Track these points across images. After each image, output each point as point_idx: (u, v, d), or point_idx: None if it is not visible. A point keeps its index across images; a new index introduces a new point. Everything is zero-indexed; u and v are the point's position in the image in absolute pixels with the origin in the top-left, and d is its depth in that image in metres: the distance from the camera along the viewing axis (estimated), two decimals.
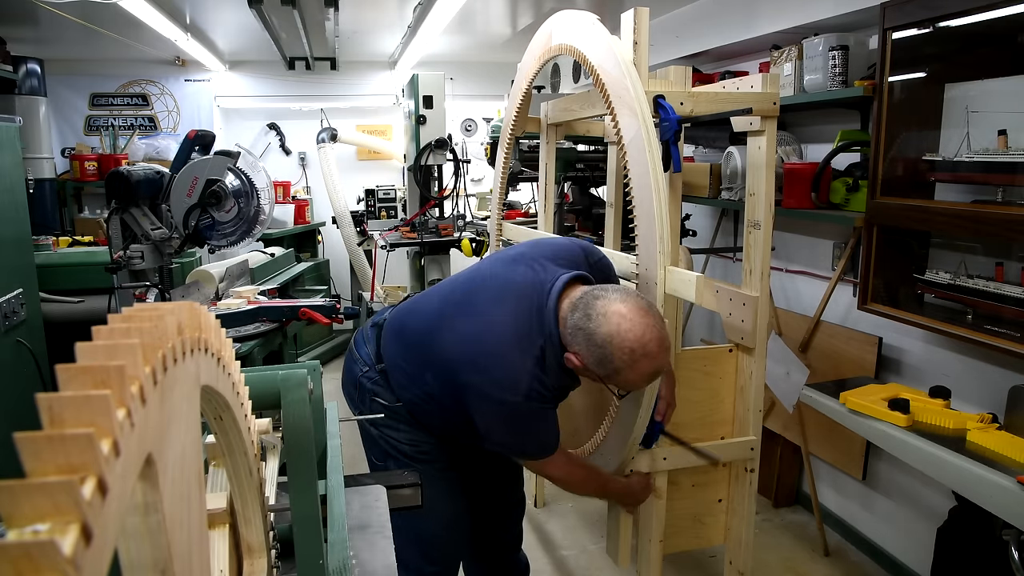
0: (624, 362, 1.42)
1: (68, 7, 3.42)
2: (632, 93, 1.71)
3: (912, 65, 2.27)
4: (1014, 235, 1.93)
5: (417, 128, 4.05)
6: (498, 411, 1.54)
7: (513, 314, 1.54)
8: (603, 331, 1.42)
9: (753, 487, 2.07)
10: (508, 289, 1.59)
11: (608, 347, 1.42)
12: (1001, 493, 1.65)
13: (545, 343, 1.52)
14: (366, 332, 1.85)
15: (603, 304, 1.44)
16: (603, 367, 1.45)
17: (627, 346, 1.41)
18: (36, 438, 0.30)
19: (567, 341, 1.49)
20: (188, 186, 2.82)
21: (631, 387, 1.55)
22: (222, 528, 0.81)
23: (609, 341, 1.42)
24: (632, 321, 1.42)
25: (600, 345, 1.43)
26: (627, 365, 1.43)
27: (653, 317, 1.45)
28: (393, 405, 1.75)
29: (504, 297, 1.58)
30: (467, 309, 1.61)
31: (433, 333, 1.63)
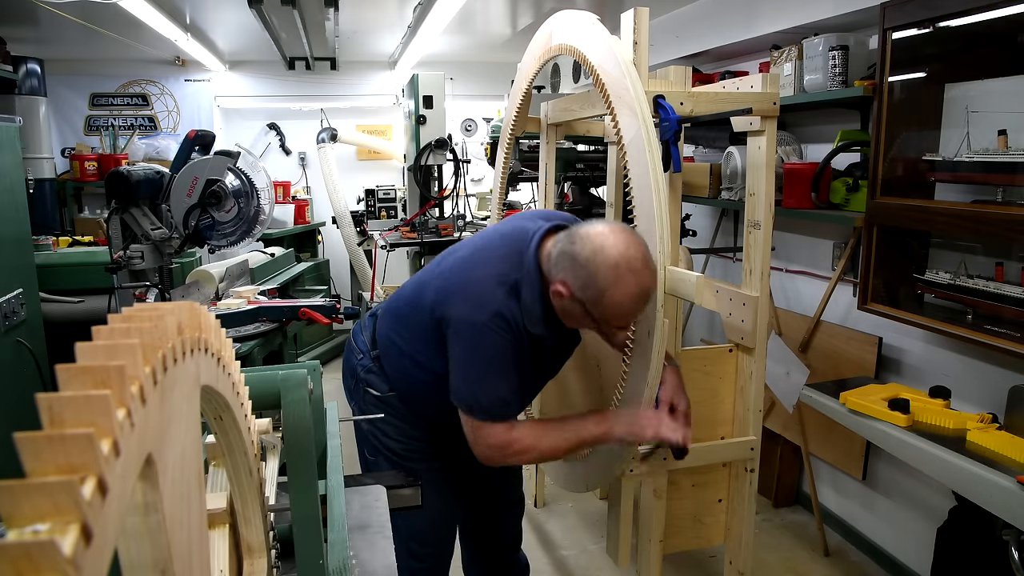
0: (609, 279, 1.40)
1: (68, 7, 3.42)
2: (632, 93, 1.71)
3: (912, 65, 2.27)
4: (1014, 235, 1.93)
5: (417, 128, 4.05)
6: (462, 335, 1.52)
7: (496, 252, 1.58)
8: (587, 250, 1.42)
9: (753, 487, 2.07)
10: (494, 234, 1.65)
11: (592, 265, 1.41)
12: (1001, 493, 1.65)
13: (522, 278, 1.52)
14: (363, 322, 1.88)
15: (586, 228, 1.46)
16: (588, 290, 1.43)
17: (611, 260, 1.40)
18: (36, 438, 0.30)
19: (551, 273, 1.49)
20: (188, 186, 2.82)
21: (618, 313, 1.46)
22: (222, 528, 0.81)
23: (593, 258, 1.41)
24: (615, 238, 1.42)
25: (584, 264, 1.42)
26: (612, 282, 1.40)
27: (636, 236, 1.46)
28: (386, 395, 1.75)
29: (489, 240, 1.64)
30: (452, 253, 1.67)
31: (421, 287, 1.66)
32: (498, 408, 1.55)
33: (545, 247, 1.53)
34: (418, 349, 1.67)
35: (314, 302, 2.95)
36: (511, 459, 1.61)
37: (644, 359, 1.72)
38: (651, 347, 1.69)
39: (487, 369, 1.53)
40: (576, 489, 2.40)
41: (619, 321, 1.50)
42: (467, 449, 1.84)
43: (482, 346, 1.51)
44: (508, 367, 1.53)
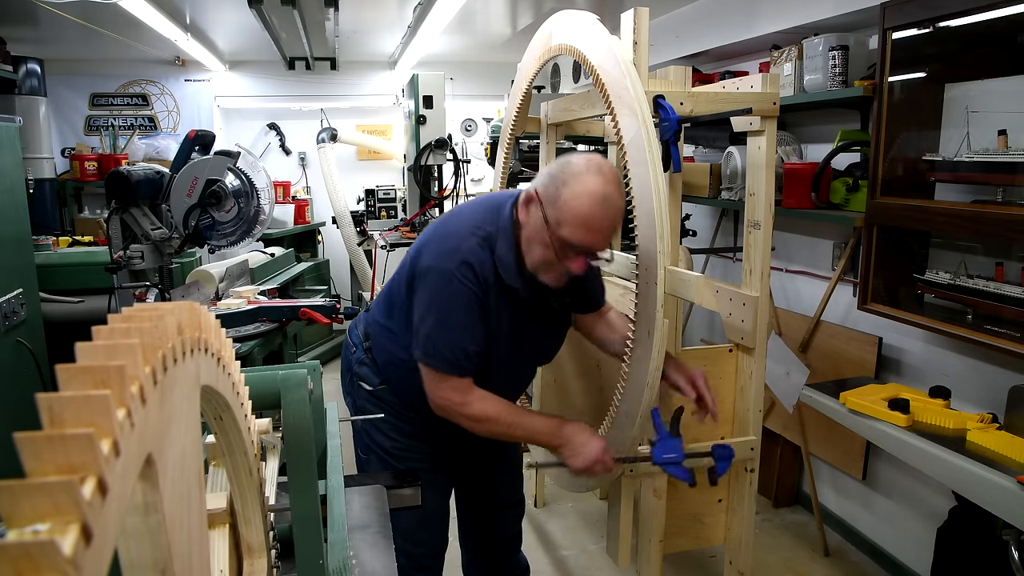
0: (572, 174, 1.44)
1: (68, 7, 3.42)
2: (632, 93, 1.71)
3: (912, 65, 2.27)
4: (1014, 235, 1.93)
5: (417, 128, 4.05)
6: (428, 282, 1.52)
7: (474, 209, 1.62)
8: (561, 160, 1.51)
9: (753, 487, 2.07)
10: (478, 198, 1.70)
11: (560, 169, 1.47)
12: (1001, 493, 1.65)
13: (496, 231, 1.54)
14: (359, 316, 1.90)
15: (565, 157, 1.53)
16: (551, 186, 1.46)
17: (579, 165, 1.45)
18: (36, 438, 0.30)
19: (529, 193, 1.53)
20: (188, 186, 2.82)
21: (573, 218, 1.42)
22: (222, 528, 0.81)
23: (564, 164, 1.48)
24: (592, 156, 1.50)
25: (553, 173, 1.48)
26: (573, 178, 1.43)
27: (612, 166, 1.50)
28: (377, 389, 1.75)
29: (474, 202, 1.68)
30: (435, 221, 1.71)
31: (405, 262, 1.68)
32: (459, 358, 1.51)
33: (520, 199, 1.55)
34: (401, 327, 1.65)
35: (314, 302, 2.95)
36: (461, 420, 1.58)
37: (644, 359, 1.72)
38: (651, 347, 1.69)
39: (450, 318, 1.51)
40: (576, 489, 2.40)
41: (572, 231, 1.43)
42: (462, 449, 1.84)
43: (446, 294, 1.50)
44: (472, 318, 1.51)
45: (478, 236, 1.53)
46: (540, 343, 1.76)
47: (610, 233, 1.48)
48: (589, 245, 1.46)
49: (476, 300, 1.50)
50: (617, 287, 2.12)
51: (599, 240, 1.47)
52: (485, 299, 1.52)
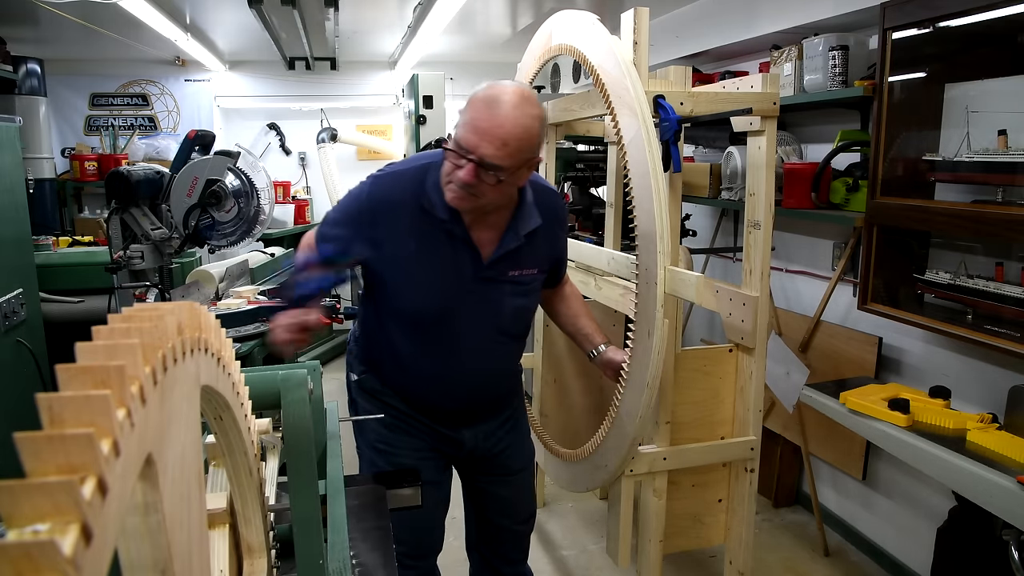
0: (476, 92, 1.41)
1: (68, 7, 3.42)
2: (632, 93, 1.71)
3: (912, 65, 2.27)
4: (1014, 235, 1.93)
5: (417, 128, 4.05)
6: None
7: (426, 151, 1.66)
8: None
9: (753, 487, 2.07)
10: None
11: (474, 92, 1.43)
12: (1001, 493, 1.65)
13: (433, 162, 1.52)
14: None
15: None
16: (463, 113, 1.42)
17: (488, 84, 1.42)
18: (36, 438, 0.30)
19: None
20: (188, 186, 2.83)
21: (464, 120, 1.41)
22: (222, 528, 0.81)
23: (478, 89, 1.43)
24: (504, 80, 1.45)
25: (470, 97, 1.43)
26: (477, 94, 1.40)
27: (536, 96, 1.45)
28: (361, 377, 1.75)
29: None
30: None
31: None
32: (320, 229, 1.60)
33: None
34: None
35: None
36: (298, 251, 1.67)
37: (643, 360, 1.72)
38: (651, 347, 1.69)
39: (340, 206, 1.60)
40: (576, 489, 2.40)
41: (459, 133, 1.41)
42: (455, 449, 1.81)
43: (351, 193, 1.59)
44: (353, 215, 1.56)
45: (412, 166, 1.56)
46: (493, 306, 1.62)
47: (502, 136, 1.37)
48: (473, 147, 1.38)
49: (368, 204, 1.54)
50: (617, 287, 2.12)
51: (484, 143, 1.37)
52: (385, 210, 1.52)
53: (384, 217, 1.52)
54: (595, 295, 2.27)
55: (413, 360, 1.66)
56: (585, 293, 2.30)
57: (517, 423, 1.88)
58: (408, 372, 1.69)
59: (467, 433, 1.78)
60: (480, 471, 1.87)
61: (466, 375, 1.69)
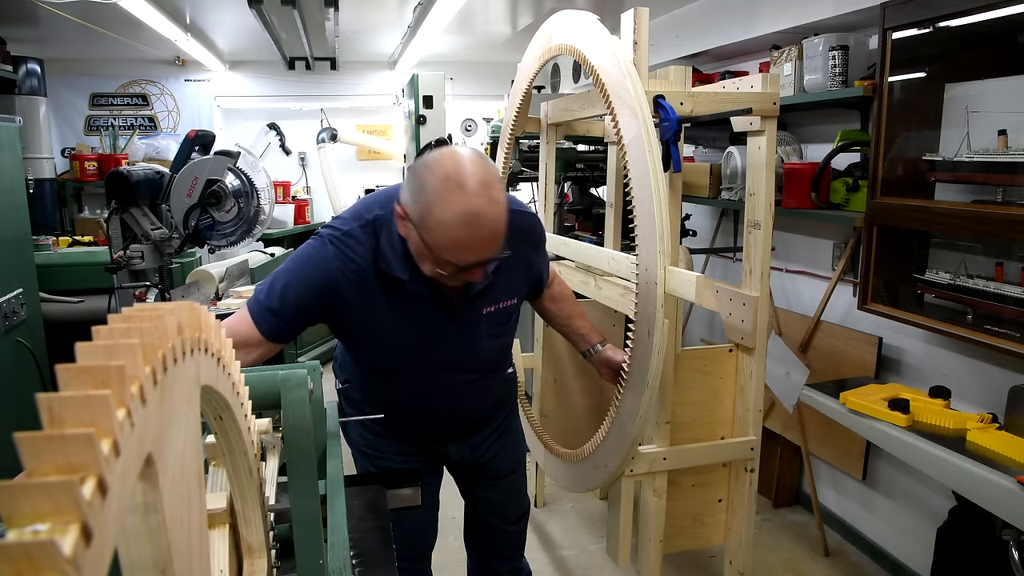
0: (436, 192, 1.23)
1: (68, 7, 3.42)
2: (632, 93, 1.71)
3: (912, 65, 2.27)
4: (1014, 235, 1.93)
5: (417, 128, 4.06)
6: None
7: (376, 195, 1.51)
8: (425, 165, 1.28)
9: (753, 487, 2.07)
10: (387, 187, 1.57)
11: (425, 176, 1.26)
12: (1001, 493, 1.65)
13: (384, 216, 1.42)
14: None
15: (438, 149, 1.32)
16: (417, 204, 1.26)
17: (442, 172, 1.24)
18: (36, 438, 0.30)
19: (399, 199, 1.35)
20: (188, 186, 2.82)
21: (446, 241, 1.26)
22: (222, 528, 0.81)
23: (428, 169, 1.26)
24: (458, 155, 1.28)
25: (419, 178, 1.27)
26: (438, 196, 1.23)
27: (483, 160, 1.29)
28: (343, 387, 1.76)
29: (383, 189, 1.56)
30: None
31: None
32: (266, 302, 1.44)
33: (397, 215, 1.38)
34: None
35: None
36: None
37: (644, 360, 1.72)
38: (651, 347, 1.69)
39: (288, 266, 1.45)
40: (576, 489, 2.40)
41: (450, 253, 1.28)
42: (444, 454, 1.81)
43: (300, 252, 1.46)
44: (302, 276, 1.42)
45: (361, 220, 1.43)
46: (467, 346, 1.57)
47: (497, 238, 1.30)
48: (476, 260, 1.31)
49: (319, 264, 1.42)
50: (617, 287, 2.12)
51: (486, 252, 1.30)
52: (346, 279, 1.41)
53: (345, 287, 1.42)
54: (595, 295, 2.27)
55: (388, 393, 1.66)
56: (585, 293, 2.30)
57: (507, 429, 1.86)
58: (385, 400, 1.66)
59: (452, 447, 1.80)
60: (468, 476, 1.88)
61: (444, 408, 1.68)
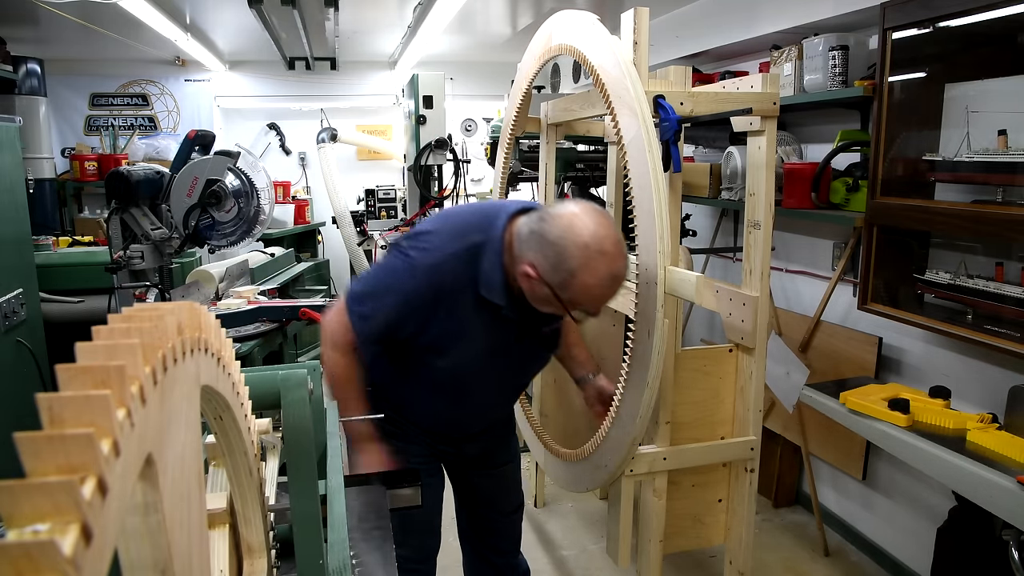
0: (579, 261, 1.36)
1: (68, 7, 3.42)
2: (632, 93, 1.71)
3: (912, 65, 2.27)
4: (1014, 235, 1.93)
5: (417, 128, 4.05)
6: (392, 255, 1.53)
7: (465, 215, 1.56)
8: (557, 229, 1.39)
9: (753, 487, 2.07)
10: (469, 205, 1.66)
11: (562, 243, 1.37)
12: (1001, 493, 1.65)
13: (486, 242, 1.48)
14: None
15: (557, 208, 1.43)
16: (558, 272, 1.38)
17: (581, 241, 1.36)
18: (36, 438, 0.30)
19: (522, 252, 1.44)
20: (188, 186, 2.82)
21: (588, 297, 1.42)
22: (222, 528, 0.81)
23: (563, 237, 1.37)
24: (587, 218, 1.39)
25: (553, 243, 1.38)
26: (582, 265, 1.36)
27: (607, 218, 1.43)
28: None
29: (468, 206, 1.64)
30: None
31: None
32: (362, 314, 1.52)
33: (515, 223, 1.48)
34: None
35: (314, 302, 2.95)
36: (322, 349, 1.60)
37: (644, 360, 1.72)
38: (651, 347, 1.69)
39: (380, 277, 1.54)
40: (576, 489, 2.40)
41: (588, 306, 1.45)
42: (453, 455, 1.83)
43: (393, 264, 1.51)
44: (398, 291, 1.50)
45: (463, 243, 1.49)
46: (524, 363, 1.75)
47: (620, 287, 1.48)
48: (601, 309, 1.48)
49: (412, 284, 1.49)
50: None
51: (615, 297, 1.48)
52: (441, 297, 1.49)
53: (443, 302, 1.50)
54: None
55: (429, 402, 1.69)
56: None
57: (508, 423, 1.95)
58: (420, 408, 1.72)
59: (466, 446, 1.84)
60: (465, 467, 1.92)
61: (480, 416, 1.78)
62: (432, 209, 4.25)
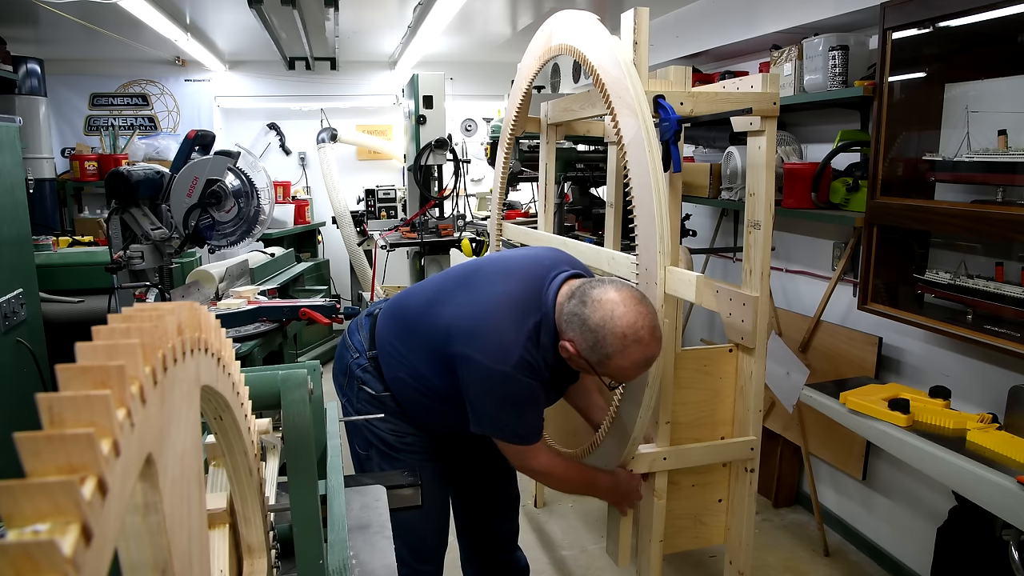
0: (615, 347, 1.46)
1: (68, 7, 3.42)
2: (632, 93, 1.71)
3: (912, 65, 2.27)
4: (1014, 235, 1.93)
5: (417, 128, 4.05)
6: (488, 382, 1.56)
7: (514, 290, 1.61)
8: (597, 316, 1.48)
9: (753, 487, 2.07)
10: (512, 270, 1.67)
11: (601, 331, 1.47)
12: (1001, 493, 1.65)
13: (541, 320, 1.57)
14: (360, 321, 1.88)
15: (599, 292, 1.51)
16: (595, 352, 1.49)
17: (619, 331, 1.46)
18: (36, 438, 0.30)
19: (563, 328, 1.54)
20: (188, 186, 2.82)
21: (622, 375, 1.55)
22: (222, 528, 0.81)
23: (602, 326, 1.47)
24: (626, 308, 1.47)
25: (593, 330, 1.48)
26: (618, 351, 1.47)
27: (646, 307, 1.51)
28: (380, 395, 1.76)
29: (508, 275, 1.65)
30: (469, 284, 1.67)
31: (432, 306, 1.68)
32: (534, 435, 1.65)
33: (561, 294, 1.58)
34: (420, 365, 1.68)
35: (314, 302, 2.95)
36: (540, 479, 1.76)
37: None
38: None
39: (518, 410, 1.60)
40: None
41: (621, 380, 1.60)
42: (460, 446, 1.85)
43: (510, 392, 1.57)
44: (537, 403, 1.62)
45: (525, 329, 1.56)
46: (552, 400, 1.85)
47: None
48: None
49: (539, 389, 1.61)
50: None
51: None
52: (544, 384, 1.62)
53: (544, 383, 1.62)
54: None
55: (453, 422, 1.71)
56: None
57: None
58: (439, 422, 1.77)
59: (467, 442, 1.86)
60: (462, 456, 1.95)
61: None
62: (432, 209, 4.25)
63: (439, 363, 1.62)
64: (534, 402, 1.61)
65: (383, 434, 1.78)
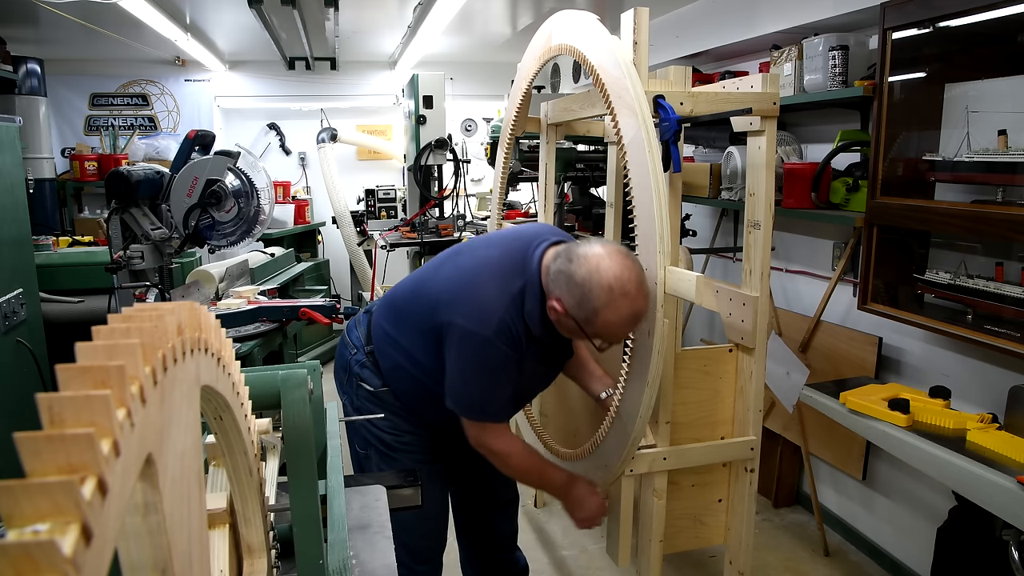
0: (602, 301, 1.45)
1: (68, 7, 3.42)
2: (632, 93, 1.71)
3: (912, 65, 2.27)
4: (1014, 235, 1.93)
5: (417, 128, 4.05)
6: (465, 346, 1.55)
7: (497, 256, 1.62)
8: (583, 271, 1.47)
9: (753, 487, 2.07)
10: (495, 241, 1.69)
11: (587, 285, 1.46)
12: (1001, 493, 1.65)
13: (526, 284, 1.56)
14: (358, 318, 1.89)
15: (585, 248, 1.51)
16: (582, 309, 1.48)
17: (605, 283, 1.45)
18: (36, 438, 0.30)
19: (550, 288, 1.54)
20: (188, 186, 2.82)
21: (611, 333, 1.53)
22: (222, 528, 0.81)
23: (588, 279, 1.46)
24: (611, 260, 1.47)
25: (579, 284, 1.47)
26: (604, 304, 1.46)
27: (633, 261, 1.51)
28: (379, 390, 1.76)
29: (491, 245, 1.67)
30: (454, 261, 1.69)
31: (422, 285, 1.70)
32: (500, 409, 1.63)
33: (546, 257, 1.58)
34: (413, 345, 1.69)
35: (314, 302, 2.95)
36: (496, 460, 1.69)
37: (644, 360, 1.72)
38: (651, 347, 1.69)
39: (490, 379, 1.57)
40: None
41: (611, 338, 1.56)
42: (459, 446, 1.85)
43: (486, 359, 1.55)
44: (509, 376, 1.59)
45: (510, 294, 1.55)
46: (547, 377, 1.87)
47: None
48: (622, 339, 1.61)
49: (513, 360, 1.58)
50: None
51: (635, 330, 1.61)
52: (520, 355, 1.59)
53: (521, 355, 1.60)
54: None
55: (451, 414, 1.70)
56: None
57: None
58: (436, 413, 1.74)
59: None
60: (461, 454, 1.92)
61: None
62: (432, 209, 4.25)
63: (430, 340, 1.62)
64: (507, 374, 1.58)
65: (381, 433, 1.78)
